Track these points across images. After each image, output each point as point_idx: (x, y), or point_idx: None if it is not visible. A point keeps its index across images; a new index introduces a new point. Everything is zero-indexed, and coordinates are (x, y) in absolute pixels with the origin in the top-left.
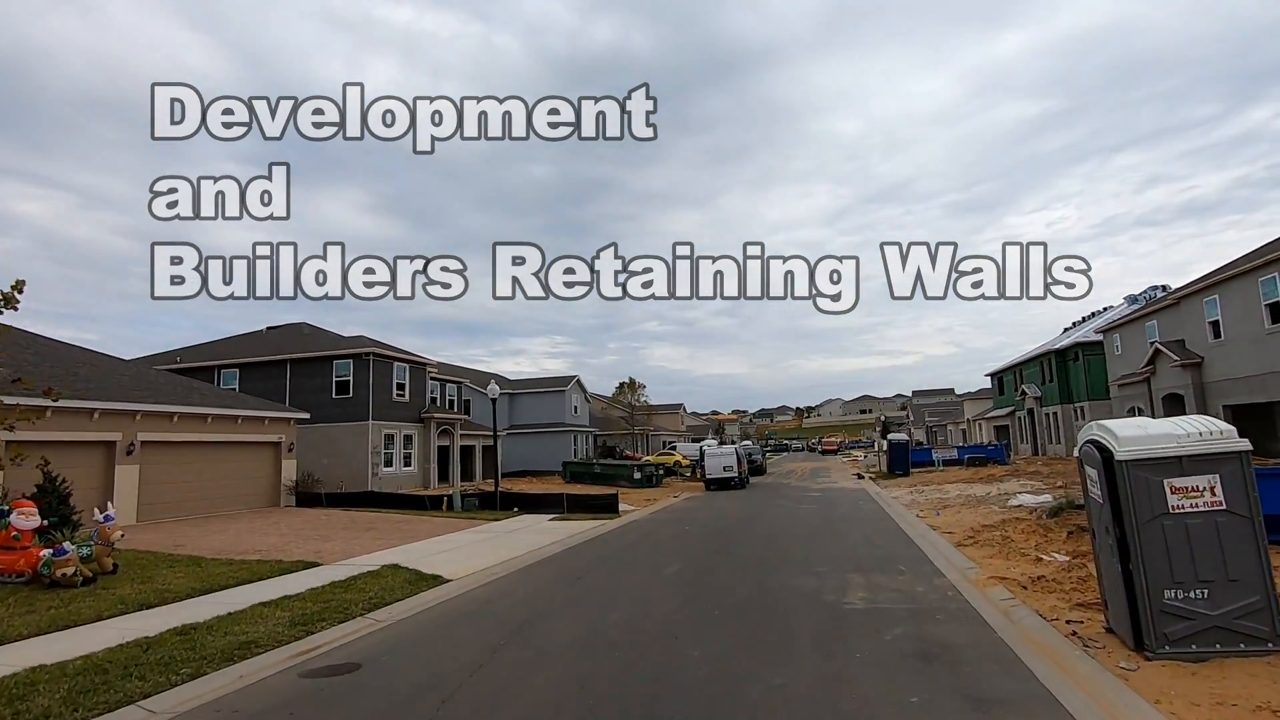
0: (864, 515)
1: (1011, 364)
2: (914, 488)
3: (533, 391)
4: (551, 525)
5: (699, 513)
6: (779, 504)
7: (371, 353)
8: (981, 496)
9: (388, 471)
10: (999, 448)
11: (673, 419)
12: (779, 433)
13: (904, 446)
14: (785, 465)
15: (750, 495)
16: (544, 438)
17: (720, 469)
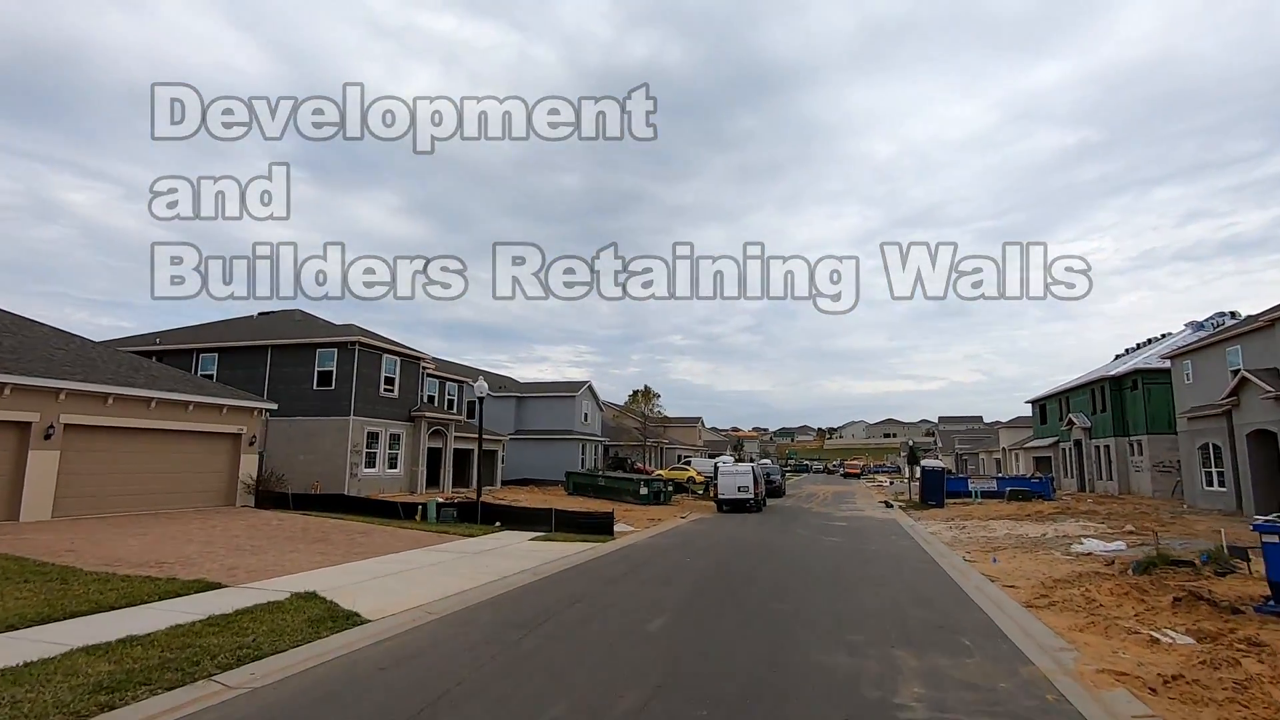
0: (901, 555)
1: (1056, 391)
2: (952, 522)
3: (541, 396)
4: (531, 547)
5: (706, 540)
6: (799, 533)
7: (357, 342)
8: (1037, 539)
9: (369, 473)
10: (1044, 481)
11: (689, 433)
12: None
13: (939, 475)
14: (806, 487)
15: (767, 520)
16: (551, 445)
17: (734, 489)
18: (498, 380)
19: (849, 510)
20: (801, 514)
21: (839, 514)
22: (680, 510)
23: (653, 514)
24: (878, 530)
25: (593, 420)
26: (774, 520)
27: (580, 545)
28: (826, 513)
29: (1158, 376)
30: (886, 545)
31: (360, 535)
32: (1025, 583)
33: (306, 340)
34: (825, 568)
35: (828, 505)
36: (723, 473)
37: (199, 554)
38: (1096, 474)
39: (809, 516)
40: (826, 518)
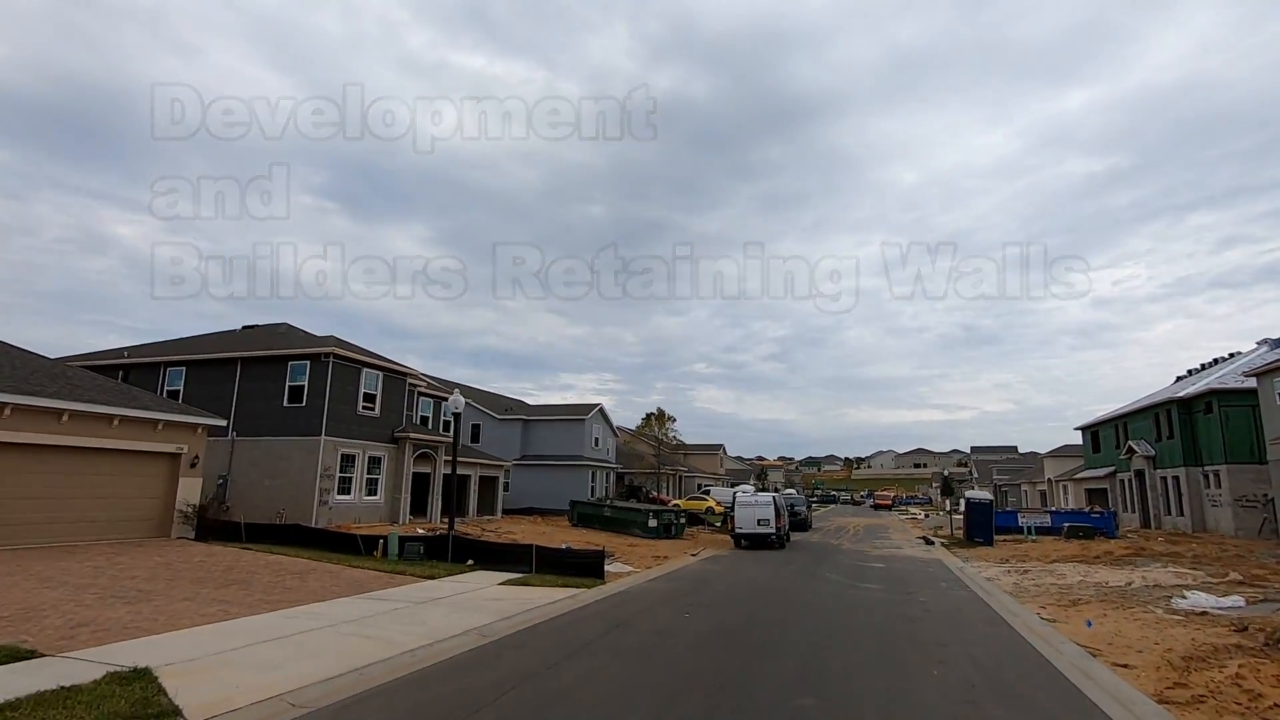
0: (960, 612)
1: (1112, 416)
2: (1009, 564)
3: (549, 420)
4: (497, 594)
5: (715, 585)
6: (828, 578)
7: (332, 354)
8: (1122, 589)
9: (343, 500)
10: (1106, 516)
11: (710, 460)
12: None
13: (988, 508)
14: (834, 519)
15: (790, 560)
16: (559, 472)
17: (754, 522)
18: (504, 403)
19: (885, 547)
20: (830, 552)
21: (874, 552)
22: (693, 546)
23: (660, 550)
24: (922, 575)
25: (605, 446)
26: (799, 559)
27: (560, 592)
28: (859, 550)
29: (1237, 398)
30: (939, 597)
31: (293, 577)
32: (1140, 659)
33: (277, 352)
34: (864, 631)
35: (860, 541)
36: (740, 504)
37: (54, 603)
38: (1163, 509)
39: (839, 555)
40: (860, 557)
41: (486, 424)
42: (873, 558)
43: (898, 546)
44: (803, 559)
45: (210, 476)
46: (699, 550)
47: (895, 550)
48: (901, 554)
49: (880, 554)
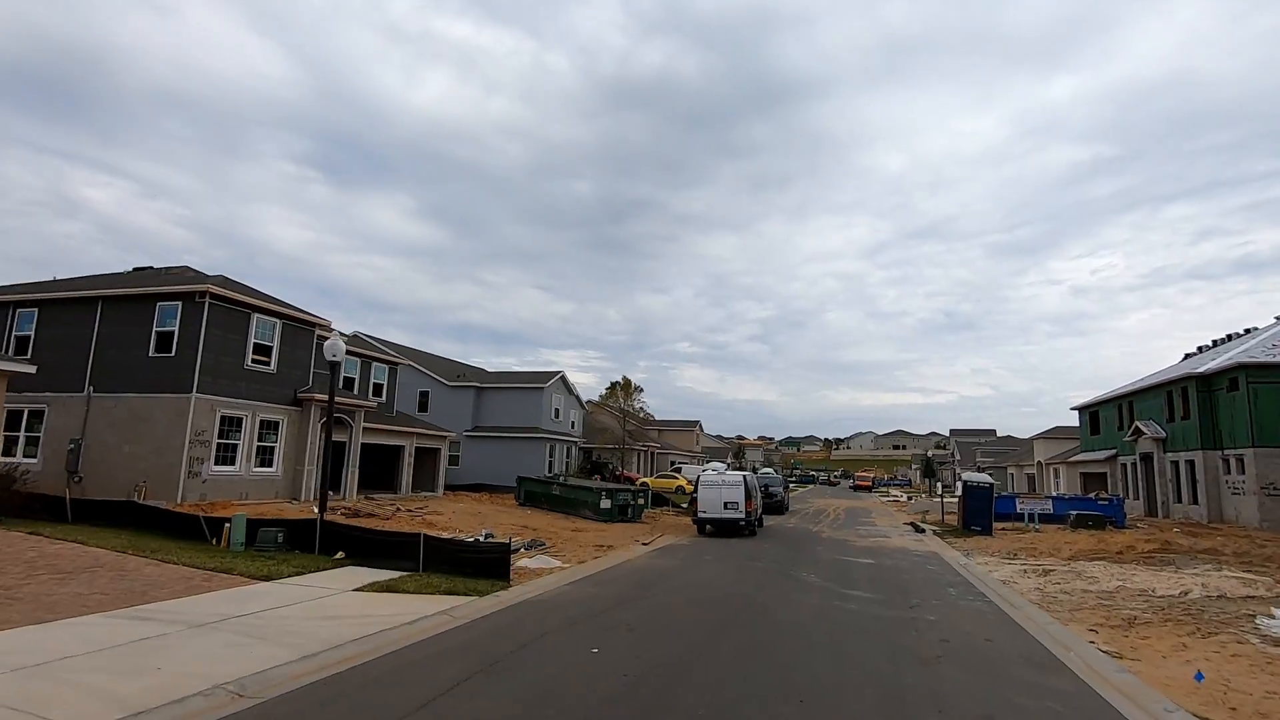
0: (986, 641)
1: (1115, 395)
2: (1018, 559)
3: (504, 387)
4: (338, 608)
5: (657, 593)
6: (806, 581)
7: (209, 293)
8: (1177, 599)
9: (223, 472)
10: (1115, 503)
11: (686, 437)
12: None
13: (988, 495)
14: (813, 501)
15: (761, 551)
16: (514, 445)
17: (720, 506)
18: (455, 369)
19: (871, 536)
20: (809, 542)
21: (859, 542)
22: (650, 531)
23: (609, 537)
24: (922, 575)
25: (566, 417)
26: (771, 551)
27: (436, 603)
28: (841, 540)
29: (1268, 374)
30: (952, 613)
31: (54, 576)
32: None
33: (143, 290)
34: (860, 686)
35: (841, 527)
36: (705, 485)
37: None
38: (1172, 496)
39: (819, 546)
40: (843, 548)
41: (436, 391)
42: (858, 550)
43: (884, 535)
44: (776, 551)
45: (60, 440)
46: (655, 538)
47: (883, 539)
48: (891, 544)
49: (866, 545)
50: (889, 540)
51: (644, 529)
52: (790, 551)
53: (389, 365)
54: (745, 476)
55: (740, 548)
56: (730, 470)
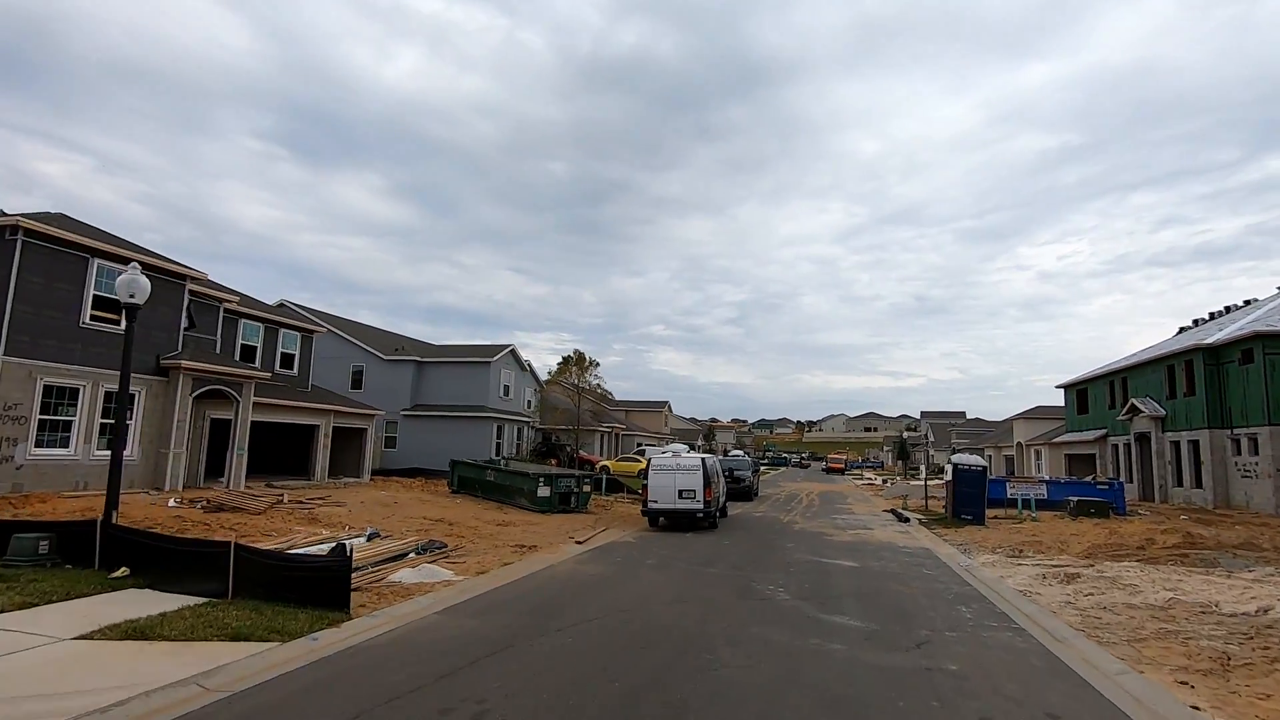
0: (1035, 695)
1: (1106, 371)
2: (1024, 555)
3: (447, 361)
4: (41, 664)
5: (568, 619)
6: (773, 596)
7: (20, 227)
8: (1262, 619)
9: (48, 456)
10: (1116, 487)
11: (654, 418)
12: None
13: (980, 479)
14: (784, 484)
15: (719, 551)
16: (458, 425)
17: (673, 494)
18: (393, 341)
19: (850, 527)
20: (779, 536)
21: (837, 536)
22: (592, 525)
23: (537, 533)
24: (920, 584)
25: (519, 395)
26: (731, 552)
27: (206, 657)
28: (816, 533)
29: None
30: (980, 656)
31: None
32: None
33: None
34: None
35: (816, 516)
36: (656, 469)
37: None
38: (1171, 479)
39: (789, 542)
40: (818, 545)
41: (371, 366)
42: (837, 547)
43: (866, 525)
44: (738, 550)
45: None
46: (596, 533)
47: (864, 532)
48: (874, 538)
49: (846, 539)
50: (871, 533)
51: (587, 521)
52: (756, 550)
53: (301, 333)
54: (704, 460)
55: (696, 545)
56: (693, 452)
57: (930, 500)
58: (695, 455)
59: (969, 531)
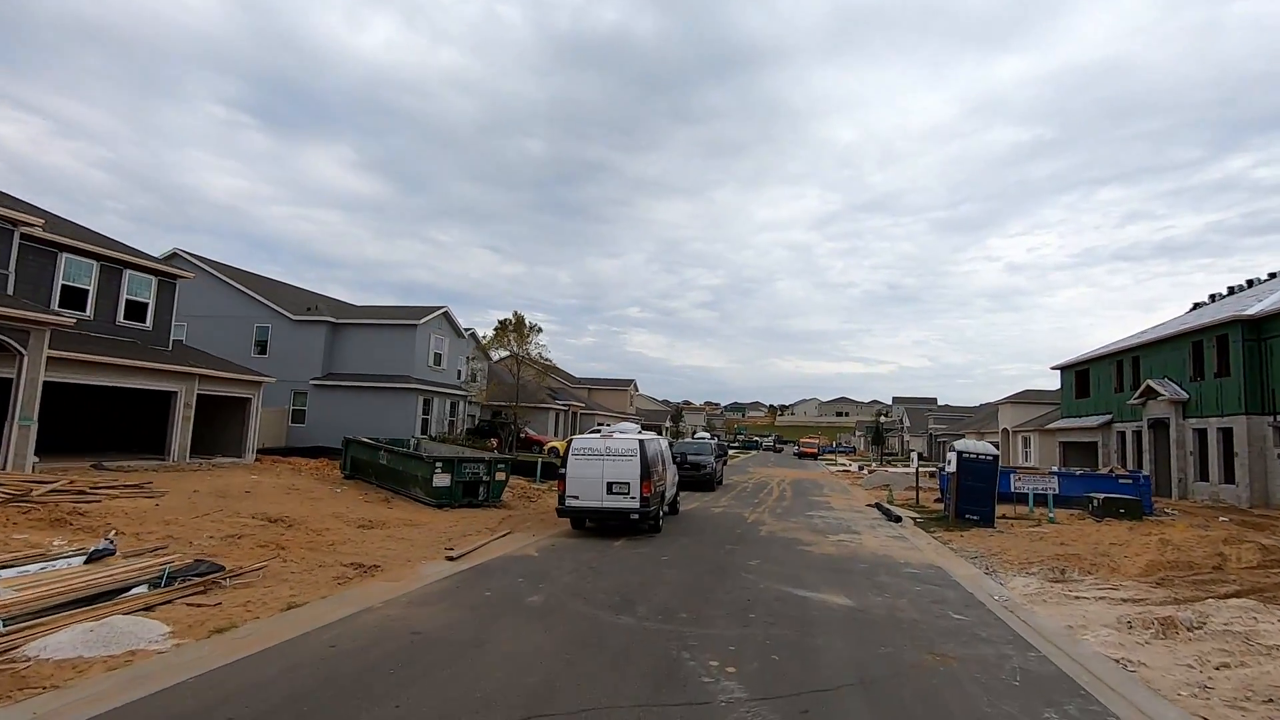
0: None
1: (1112, 350)
2: (1068, 578)
3: (366, 324)
4: None
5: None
6: (716, 697)
7: None
8: None
9: None
10: (1142, 482)
11: (618, 397)
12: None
13: (991, 471)
14: (754, 470)
15: (652, 576)
16: (378, 398)
17: (599, 488)
18: (304, 299)
19: (832, 530)
20: (739, 544)
21: (817, 547)
22: (489, 527)
23: (406, 541)
24: (965, 654)
25: (451, 364)
26: (668, 575)
27: None
28: (790, 541)
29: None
30: None
31: None
32: None
33: None
34: None
35: (788, 514)
36: (579, 453)
37: None
38: (1193, 472)
39: (754, 557)
40: (793, 563)
41: (279, 328)
42: (819, 566)
43: (850, 527)
44: (678, 574)
45: None
46: (485, 541)
47: (851, 538)
48: (866, 549)
49: (829, 552)
50: (860, 539)
51: (492, 520)
52: (703, 574)
53: (159, 277)
54: (643, 443)
55: (620, 564)
56: (634, 432)
57: (924, 493)
58: (632, 436)
59: (979, 537)
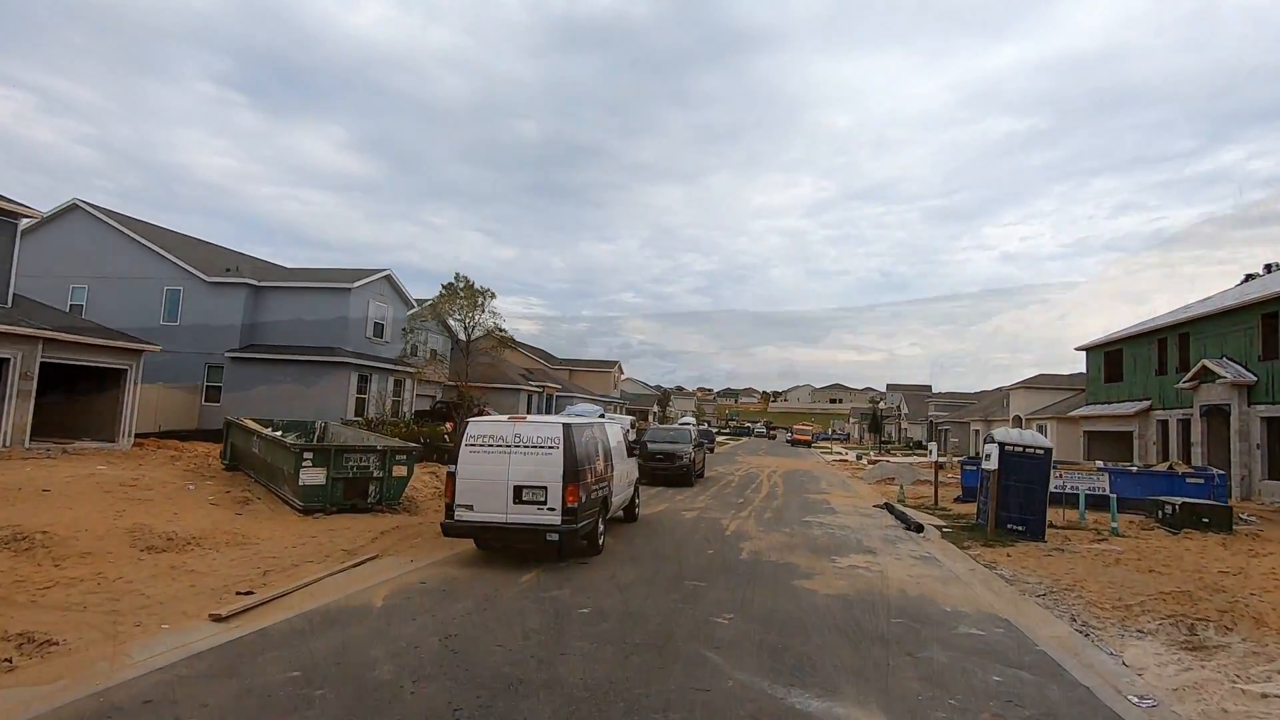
0: None
1: (1153, 327)
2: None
3: (293, 287)
4: None
5: None
6: None
7: None
8: None
9: None
10: (1217, 481)
11: (601, 380)
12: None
13: (1041, 467)
14: (742, 459)
15: (551, 647)
16: (307, 373)
17: (503, 493)
18: (223, 259)
19: (837, 549)
20: (710, 574)
21: (822, 577)
22: (367, 545)
23: (239, 560)
24: None
25: (397, 337)
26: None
27: None
28: (781, 569)
29: None
30: None
31: None
32: None
33: None
34: None
35: (779, 518)
36: (475, 445)
37: None
38: (1262, 468)
39: (727, 608)
40: (790, 614)
41: (191, 291)
42: (829, 625)
43: (861, 542)
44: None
45: None
46: (329, 573)
47: (865, 560)
48: (893, 587)
49: (842, 591)
50: (880, 564)
51: (372, 532)
52: (636, 657)
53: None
54: (570, 427)
55: (500, 631)
56: (561, 414)
57: (944, 488)
58: (553, 421)
59: (1033, 556)
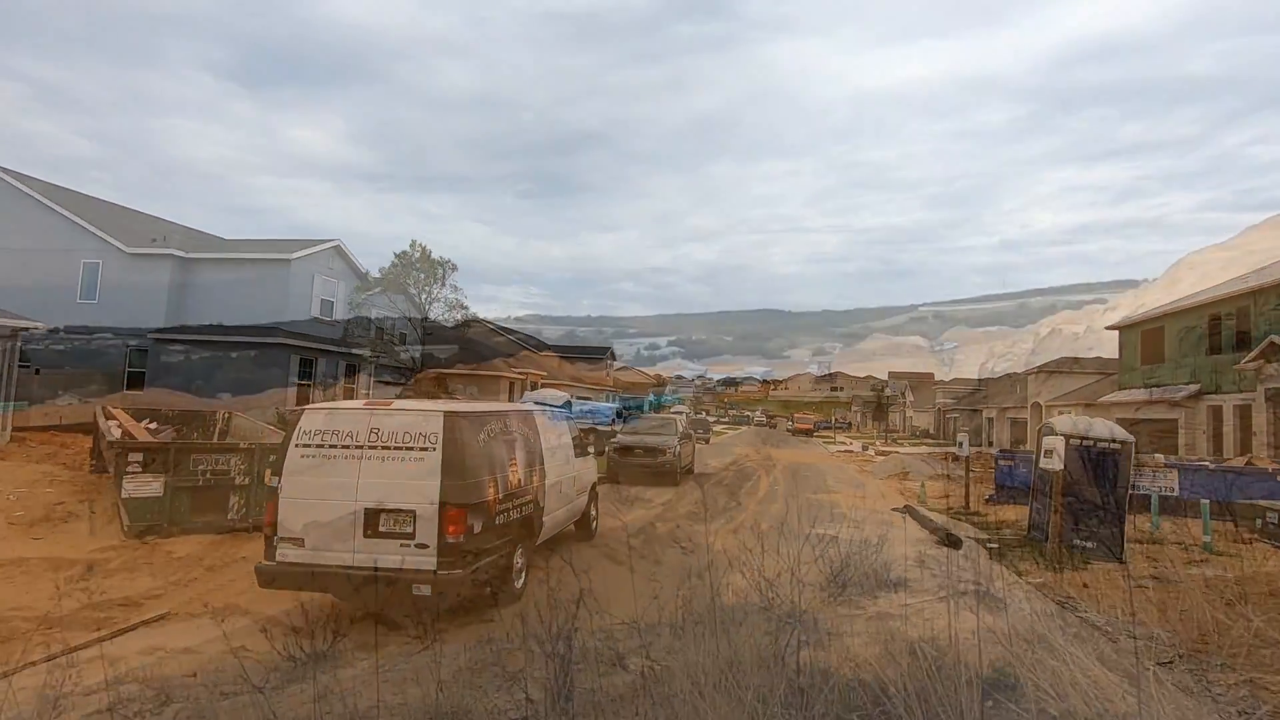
0: None
1: (1203, 301)
2: None
3: (227, 259)
4: None
5: None
6: None
7: None
8: None
9: None
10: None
11: (594, 367)
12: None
13: (1120, 467)
14: (740, 451)
15: None
16: (246, 355)
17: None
18: (152, 229)
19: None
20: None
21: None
22: (166, 590)
23: None
24: None
25: (349, 314)
26: None
27: None
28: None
29: None
30: None
31: None
32: None
33: None
34: None
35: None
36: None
37: None
38: None
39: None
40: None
41: (111, 263)
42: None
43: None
44: None
45: None
46: (59, 653)
47: (903, 606)
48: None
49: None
50: (919, 606)
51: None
52: None
53: None
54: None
55: None
56: (443, 400)
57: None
58: (430, 408)
59: (1117, 587)
